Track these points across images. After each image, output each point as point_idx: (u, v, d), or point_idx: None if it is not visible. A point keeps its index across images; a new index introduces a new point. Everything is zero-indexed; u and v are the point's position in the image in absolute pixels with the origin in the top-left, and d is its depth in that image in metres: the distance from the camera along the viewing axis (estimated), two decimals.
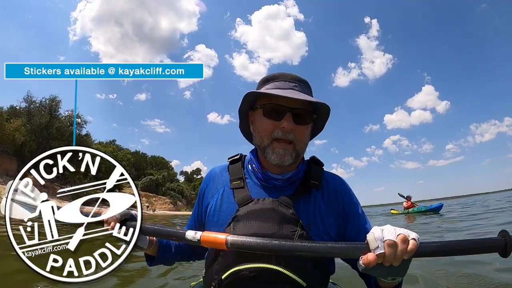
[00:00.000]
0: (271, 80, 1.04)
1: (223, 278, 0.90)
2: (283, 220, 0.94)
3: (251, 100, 1.06)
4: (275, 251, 0.79)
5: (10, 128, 31.03)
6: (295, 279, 0.88)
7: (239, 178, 1.07)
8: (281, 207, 0.96)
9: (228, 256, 0.92)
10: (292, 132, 0.97)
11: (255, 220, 0.94)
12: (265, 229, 0.92)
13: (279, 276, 0.87)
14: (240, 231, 0.92)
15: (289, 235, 0.92)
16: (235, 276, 0.89)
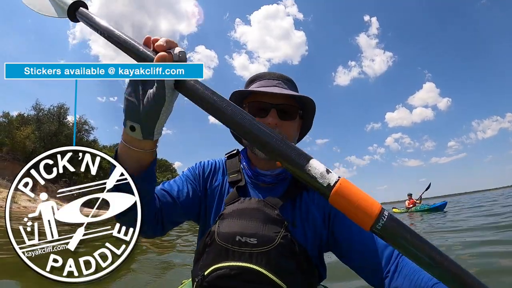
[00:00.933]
0: (256, 79, 1.09)
1: (205, 274, 0.90)
2: (267, 220, 0.92)
3: (239, 101, 1.08)
4: None
5: (21, 135, 31.73)
6: (275, 280, 0.86)
7: (236, 171, 1.08)
8: (266, 207, 0.95)
9: (211, 252, 0.92)
10: (277, 127, 0.97)
11: (239, 219, 0.93)
12: (248, 228, 0.91)
13: (260, 277, 0.86)
14: (224, 229, 0.92)
15: (271, 235, 0.90)
16: (217, 273, 0.89)
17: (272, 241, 0.89)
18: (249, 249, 0.88)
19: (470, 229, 6.93)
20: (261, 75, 1.07)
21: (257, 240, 0.89)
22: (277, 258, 0.88)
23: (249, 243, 0.89)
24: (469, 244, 4.29)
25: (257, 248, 0.88)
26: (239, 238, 0.90)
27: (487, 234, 5.85)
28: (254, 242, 0.89)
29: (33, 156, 1.19)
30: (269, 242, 0.89)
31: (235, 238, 0.90)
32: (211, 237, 0.94)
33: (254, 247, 0.88)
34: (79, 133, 38.46)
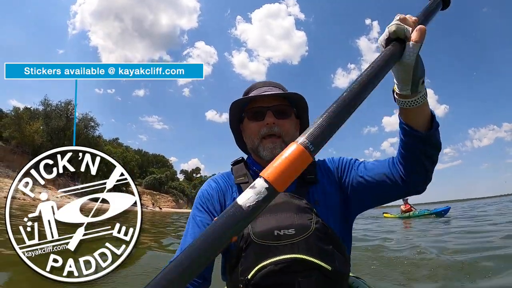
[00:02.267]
0: (249, 92, 1.16)
1: (249, 277, 0.87)
2: (298, 210, 0.93)
3: (238, 114, 1.10)
4: None
5: (30, 130, 32.16)
6: (321, 264, 0.86)
7: (243, 174, 1.08)
8: (293, 198, 0.96)
9: (250, 255, 0.90)
10: (275, 126, 1.01)
11: (271, 214, 0.92)
12: (283, 220, 0.90)
13: (306, 264, 0.86)
14: (259, 228, 0.91)
15: (306, 223, 0.90)
16: (262, 272, 0.86)
17: (308, 228, 0.89)
18: (289, 240, 0.88)
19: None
20: (252, 87, 1.14)
21: (295, 230, 0.88)
22: (317, 243, 0.88)
23: (287, 234, 0.88)
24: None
25: (296, 238, 0.88)
26: (277, 232, 0.88)
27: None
28: (292, 232, 0.88)
29: (41, 150, 1.16)
30: (306, 229, 0.89)
31: (273, 233, 0.88)
32: (246, 240, 0.91)
33: (294, 237, 0.88)
34: (86, 130, 38.99)
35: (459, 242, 5.19)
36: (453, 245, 4.90)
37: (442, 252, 4.22)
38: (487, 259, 3.35)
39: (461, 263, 3.35)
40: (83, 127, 39.60)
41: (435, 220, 11.83)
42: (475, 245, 4.57)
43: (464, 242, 5.09)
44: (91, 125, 39.70)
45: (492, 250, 3.94)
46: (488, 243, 4.72)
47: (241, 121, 1.12)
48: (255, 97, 1.06)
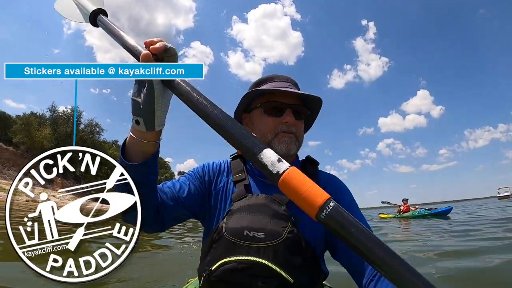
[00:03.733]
0: (266, 81, 1.11)
1: (212, 269, 0.88)
2: (274, 216, 0.91)
3: (246, 103, 1.08)
4: None
5: (40, 136, 32.81)
6: (282, 274, 0.84)
7: (240, 171, 1.07)
8: (273, 203, 0.94)
9: (219, 248, 0.90)
10: (293, 126, 1.00)
11: (247, 214, 0.92)
12: (256, 222, 0.89)
13: (267, 270, 0.84)
14: (232, 224, 0.91)
15: (279, 230, 0.89)
16: (224, 267, 0.87)
17: (279, 235, 0.88)
18: (257, 243, 0.87)
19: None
20: (272, 77, 1.08)
21: (265, 234, 0.87)
22: (284, 252, 0.87)
23: (256, 237, 0.87)
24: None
25: (265, 242, 0.87)
26: (246, 232, 0.88)
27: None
28: (262, 236, 0.87)
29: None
30: (276, 236, 0.87)
31: (243, 232, 0.88)
32: (219, 232, 0.92)
33: (262, 241, 0.87)
34: (92, 135, 39.81)
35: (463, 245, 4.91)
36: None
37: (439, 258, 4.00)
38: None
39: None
40: (89, 132, 40.64)
41: (436, 221, 11.36)
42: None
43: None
44: (97, 131, 40.87)
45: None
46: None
47: (245, 110, 1.10)
48: (280, 91, 1.01)
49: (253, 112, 1.06)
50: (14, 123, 35.54)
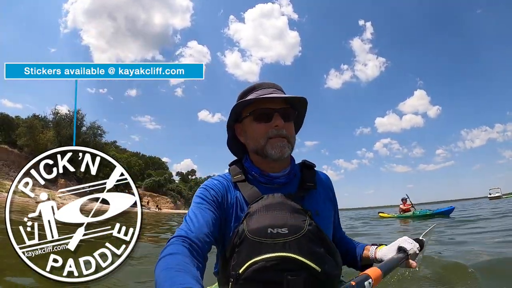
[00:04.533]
0: (252, 90, 1.15)
1: (240, 272, 0.86)
2: (293, 211, 0.93)
3: (237, 114, 1.08)
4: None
5: (43, 138, 33.17)
6: (310, 265, 0.86)
7: (239, 173, 1.07)
8: (289, 200, 0.96)
9: (243, 250, 0.89)
10: (283, 129, 1.00)
11: (267, 212, 0.93)
12: (277, 219, 0.90)
13: (296, 263, 0.86)
14: (254, 224, 0.90)
15: (300, 224, 0.90)
16: (253, 268, 0.86)
17: (301, 228, 0.89)
18: (282, 239, 0.88)
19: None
20: (257, 86, 1.10)
21: (288, 229, 0.88)
22: (308, 244, 0.88)
23: (280, 233, 0.88)
24: None
25: (289, 237, 0.88)
26: (270, 230, 0.88)
27: None
28: (285, 231, 0.88)
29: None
30: (299, 230, 0.89)
31: (266, 230, 0.88)
32: (240, 236, 0.91)
33: (286, 236, 0.88)
34: (94, 137, 40.42)
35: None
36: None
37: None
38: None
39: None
40: (91, 134, 41.15)
41: (438, 221, 11.05)
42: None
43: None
44: (99, 133, 41.38)
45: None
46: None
47: (236, 121, 1.09)
48: (257, 101, 1.03)
49: (244, 121, 1.07)
50: (17, 125, 35.85)
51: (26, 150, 34.08)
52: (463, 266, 2.66)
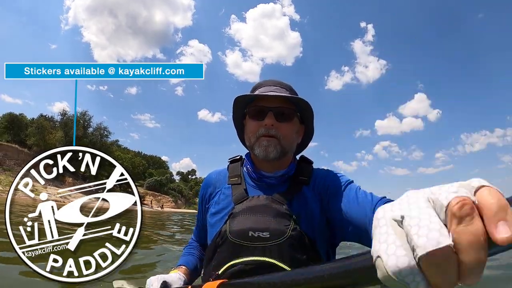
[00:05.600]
0: (257, 87, 1.10)
1: (219, 273, 0.86)
2: (277, 215, 0.90)
3: (242, 110, 1.06)
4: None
5: (53, 139, 33.81)
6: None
7: (237, 175, 1.05)
8: (274, 203, 0.93)
9: (224, 251, 0.88)
10: (273, 128, 0.96)
11: (250, 215, 0.90)
12: (259, 223, 0.88)
13: (275, 269, 0.83)
14: (236, 226, 0.89)
15: (282, 228, 0.88)
16: (232, 270, 0.85)
17: (283, 233, 0.87)
18: (262, 243, 0.86)
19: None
20: (262, 83, 1.08)
21: (269, 233, 0.86)
22: (289, 250, 0.86)
23: (261, 237, 0.86)
24: None
25: (270, 242, 0.86)
26: (251, 233, 0.87)
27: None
28: (267, 236, 0.86)
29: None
30: (280, 235, 0.87)
31: (247, 233, 0.87)
32: (223, 236, 0.91)
33: (267, 241, 0.86)
34: (101, 138, 40.92)
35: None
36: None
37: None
38: None
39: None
40: (98, 135, 42.10)
41: None
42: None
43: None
44: (105, 134, 42.50)
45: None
46: None
47: (244, 117, 1.07)
48: (257, 95, 1.01)
49: (246, 117, 1.05)
50: (26, 125, 36.48)
51: (35, 150, 34.78)
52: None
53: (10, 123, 35.55)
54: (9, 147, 31.75)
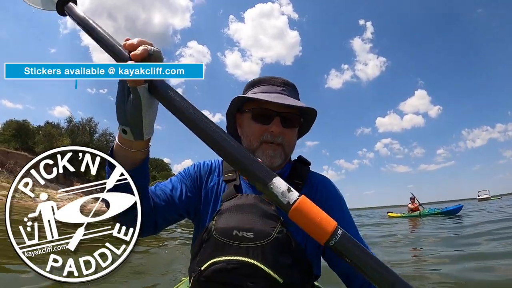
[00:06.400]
0: (258, 83, 1.04)
1: (202, 269, 0.85)
2: (264, 216, 0.88)
3: (239, 103, 1.02)
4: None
5: (61, 146, 35.00)
6: (272, 275, 0.82)
7: (232, 171, 1.03)
8: (263, 203, 0.91)
9: (208, 247, 0.87)
10: (280, 135, 0.95)
11: (237, 213, 0.89)
12: (245, 222, 0.87)
13: (256, 270, 0.81)
14: (221, 224, 0.88)
15: (268, 230, 0.86)
16: (214, 267, 0.84)
17: (268, 235, 0.85)
18: (246, 243, 0.84)
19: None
20: (265, 79, 1.02)
21: (254, 234, 0.84)
22: (273, 252, 0.84)
23: (245, 237, 0.84)
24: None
25: (254, 242, 0.84)
26: (236, 232, 0.85)
27: None
28: (251, 236, 0.84)
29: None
30: (265, 236, 0.84)
31: (232, 232, 0.85)
32: (208, 232, 0.89)
33: (251, 241, 0.84)
34: (108, 144, 42.18)
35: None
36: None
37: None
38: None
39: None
40: (104, 141, 43.26)
41: (446, 219, 10.59)
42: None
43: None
44: (111, 139, 43.91)
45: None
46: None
47: (239, 110, 1.03)
48: (268, 101, 0.94)
49: (244, 115, 1.02)
50: (33, 132, 37.09)
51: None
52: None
53: (17, 131, 36.11)
54: (19, 155, 32.31)
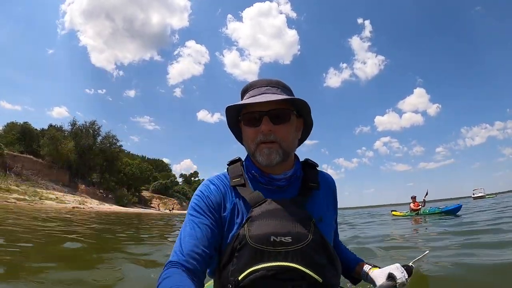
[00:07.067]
0: (247, 90, 0.99)
1: (240, 279, 0.83)
2: (298, 219, 0.88)
3: (237, 115, 1.00)
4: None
5: (65, 149, 35.15)
6: (312, 275, 0.83)
7: (239, 175, 1.00)
8: (294, 207, 0.91)
9: (243, 256, 0.85)
10: (271, 133, 0.91)
11: (270, 219, 0.87)
12: (281, 227, 0.86)
13: (297, 274, 0.82)
14: (256, 231, 0.86)
15: (304, 232, 0.86)
16: (253, 275, 0.82)
17: (305, 238, 0.85)
18: (285, 247, 0.83)
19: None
20: (251, 85, 1.00)
21: (292, 238, 0.84)
22: (311, 253, 0.85)
23: (284, 242, 0.84)
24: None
25: (292, 246, 0.84)
26: (273, 238, 0.84)
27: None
28: (289, 240, 0.84)
29: (73, 165, 1.16)
30: (303, 239, 0.85)
31: (269, 238, 0.84)
32: (241, 241, 0.86)
33: (289, 245, 0.84)
34: (111, 146, 43.06)
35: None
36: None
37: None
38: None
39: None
40: (107, 143, 43.48)
41: (447, 218, 10.42)
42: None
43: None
44: (114, 142, 44.01)
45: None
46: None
47: (240, 122, 1.00)
48: (247, 104, 0.93)
49: (241, 124, 0.99)
50: (37, 135, 37.96)
51: (48, 159, 35.71)
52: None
53: (22, 134, 36.40)
54: (25, 158, 32.63)
